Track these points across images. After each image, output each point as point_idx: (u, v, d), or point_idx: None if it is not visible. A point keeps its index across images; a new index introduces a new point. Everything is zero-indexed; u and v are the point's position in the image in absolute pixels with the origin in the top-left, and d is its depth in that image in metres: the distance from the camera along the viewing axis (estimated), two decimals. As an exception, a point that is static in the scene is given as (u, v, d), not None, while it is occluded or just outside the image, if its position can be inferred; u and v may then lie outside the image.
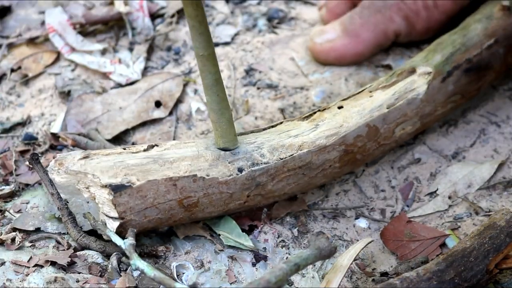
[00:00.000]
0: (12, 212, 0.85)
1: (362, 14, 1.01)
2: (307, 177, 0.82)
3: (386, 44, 1.03)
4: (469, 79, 0.90)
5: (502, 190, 0.88)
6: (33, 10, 1.14)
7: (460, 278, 0.71)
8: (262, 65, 1.04)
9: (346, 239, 0.84)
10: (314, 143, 0.81)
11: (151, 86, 1.00)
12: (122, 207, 0.76)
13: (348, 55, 1.02)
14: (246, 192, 0.80)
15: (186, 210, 0.78)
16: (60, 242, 0.81)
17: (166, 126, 0.97)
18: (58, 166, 0.78)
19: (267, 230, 0.84)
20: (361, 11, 1.02)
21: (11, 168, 0.90)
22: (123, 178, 0.76)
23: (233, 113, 0.97)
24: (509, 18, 0.93)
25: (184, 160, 0.78)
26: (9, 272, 0.77)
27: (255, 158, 0.79)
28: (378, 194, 0.89)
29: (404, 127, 0.87)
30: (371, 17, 1.01)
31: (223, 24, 1.10)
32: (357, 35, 1.01)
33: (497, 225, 0.75)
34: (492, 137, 0.94)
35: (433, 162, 0.92)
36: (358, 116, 0.83)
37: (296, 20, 1.11)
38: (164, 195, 0.77)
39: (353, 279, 0.80)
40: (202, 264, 0.80)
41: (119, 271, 0.77)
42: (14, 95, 1.01)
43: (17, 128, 0.97)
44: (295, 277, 0.79)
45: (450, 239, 0.83)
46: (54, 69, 1.04)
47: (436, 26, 1.02)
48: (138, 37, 1.08)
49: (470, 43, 0.90)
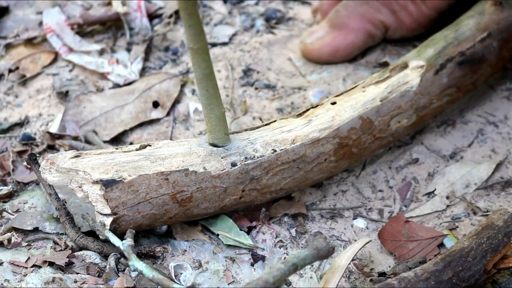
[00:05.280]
0: (11, 212, 0.85)
1: (347, 6, 1.02)
2: (303, 171, 0.82)
3: (377, 35, 1.03)
4: (463, 71, 0.90)
5: (500, 190, 0.88)
6: (31, 10, 1.14)
7: (458, 278, 0.71)
8: (260, 65, 1.04)
9: (344, 239, 0.84)
10: (307, 137, 0.81)
11: (149, 86, 1.00)
12: (114, 202, 0.76)
13: (341, 48, 1.02)
14: (241, 187, 0.80)
15: (181, 205, 0.78)
16: (58, 242, 0.81)
17: (164, 126, 0.97)
18: (50, 165, 0.78)
19: (265, 230, 0.84)
20: (346, 3, 1.02)
21: (8, 168, 0.90)
22: (114, 173, 0.76)
23: (231, 113, 0.97)
24: (501, 13, 0.93)
25: (176, 156, 0.78)
26: (7, 273, 0.77)
27: (248, 153, 0.79)
28: (376, 194, 0.89)
29: (399, 120, 0.87)
30: (357, 7, 1.01)
31: (221, 24, 1.10)
32: (345, 26, 1.01)
33: (495, 225, 0.75)
34: (490, 137, 0.94)
35: (431, 162, 0.92)
36: (351, 109, 0.83)
37: (293, 20, 1.11)
38: (157, 190, 0.77)
39: (351, 279, 0.80)
40: (200, 264, 0.80)
41: (117, 271, 0.77)
42: (12, 95, 1.01)
43: (15, 129, 0.97)
44: (293, 277, 0.79)
45: (448, 239, 0.83)
46: (52, 70, 1.04)
47: (426, 21, 1.02)
48: (136, 37, 1.08)
49: (463, 37, 0.91)
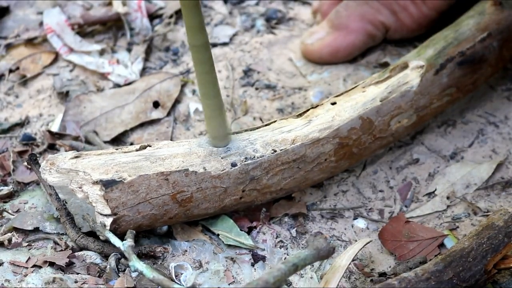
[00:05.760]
0: (11, 212, 0.85)
1: (347, 6, 1.01)
2: (303, 171, 0.82)
3: (377, 36, 1.03)
4: (463, 71, 0.90)
5: (500, 191, 0.88)
6: (31, 10, 1.14)
7: (458, 279, 0.71)
8: (260, 65, 1.04)
9: (345, 240, 0.84)
10: (307, 137, 0.81)
11: (149, 86, 1.00)
12: (114, 202, 0.76)
13: (341, 48, 1.02)
14: (241, 187, 0.80)
15: (181, 206, 0.78)
16: (58, 242, 0.81)
17: (164, 126, 0.97)
18: (50, 166, 0.78)
19: (265, 231, 0.84)
20: (346, 4, 1.02)
21: (9, 168, 0.90)
22: (114, 174, 0.76)
23: (232, 113, 0.97)
24: (502, 13, 0.93)
25: (176, 157, 0.78)
26: (7, 273, 0.77)
27: (248, 153, 0.79)
28: (376, 195, 0.89)
29: (399, 120, 0.87)
30: (357, 8, 1.01)
31: (222, 24, 1.10)
32: (346, 27, 1.01)
33: (495, 225, 0.75)
34: (490, 138, 0.94)
35: (431, 163, 0.92)
36: (351, 109, 0.83)
37: (294, 20, 1.11)
38: (157, 190, 0.77)
39: (352, 279, 0.80)
40: (201, 264, 0.80)
41: (117, 271, 0.77)
42: (12, 95, 1.01)
43: (15, 129, 0.97)
44: (293, 278, 0.79)
45: (449, 239, 0.83)
46: (52, 70, 1.04)
47: (426, 22, 1.02)
48: (136, 37, 1.08)
49: (463, 37, 0.90)
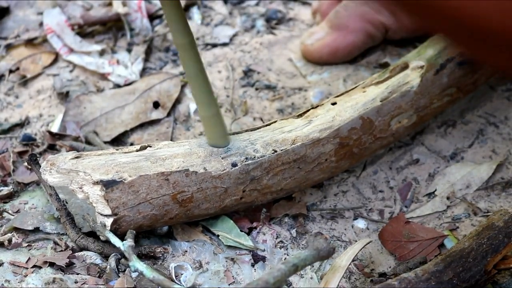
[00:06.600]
0: (11, 212, 0.85)
1: (347, 7, 1.01)
2: (303, 172, 0.82)
3: (377, 36, 1.03)
4: (463, 72, 0.90)
5: (501, 191, 0.88)
6: (32, 11, 1.14)
7: (458, 279, 0.71)
8: (260, 66, 1.04)
9: (345, 240, 0.84)
10: (308, 137, 0.81)
11: (149, 86, 1.00)
12: (115, 203, 0.76)
13: (341, 48, 1.02)
14: (241, 187, 0.80)
15: (181, 206, 0.78)
16: (59, 243, 0.81)
17: (164, 127, 0.97)
18: (50, 166, 0.78)
19: (265, 231, 0.84)
20: (346, 4, 1.02)
21: (9, 169, 0.90)
22: (114, 174, 0.76)
23: (232, 114, 0.97)
24: None
25: (176, 157, 0.78)
26: (7, 273, 0.77)
27: (248, 153, 0.79)
28: (376, 195, 0.89)
29: (399, 120, 0.87)
30: (357, 8, 1.01)
31: (222, 25, 1.10)
32: (345, 27, 1.01)
33: (495, 226, 0.75)
34: (490, 138, 0.94)
35: (431, 163, 0.92)
36: (351, 109, 0.83)
37: (294, 21, 1.11)
38: (157, 190, 0.77)
39: (352, 279, 0.80)
40: (201, 265, 0.80)
41: (117, 272, 0.77)
42: (12, 96, 1.01)
43: (15, 129, 0.97)
44: (293, 278, 0.79)
45: (449, 239, 0.83)
46: (52, 70, 1.04)
47: None
48: (136, 38, 1.08)
49: None
